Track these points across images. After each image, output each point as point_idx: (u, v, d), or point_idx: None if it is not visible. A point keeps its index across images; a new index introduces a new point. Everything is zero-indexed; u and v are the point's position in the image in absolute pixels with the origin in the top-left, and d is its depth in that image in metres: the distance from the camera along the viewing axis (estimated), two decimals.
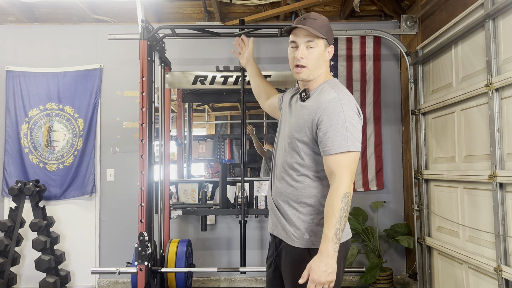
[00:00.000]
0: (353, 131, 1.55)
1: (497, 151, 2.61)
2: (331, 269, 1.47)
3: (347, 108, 1.58)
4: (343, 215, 1.49)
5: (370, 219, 4.23)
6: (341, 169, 1.53)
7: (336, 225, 1.47)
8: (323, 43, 1.71)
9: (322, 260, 1.47)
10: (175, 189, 4.21)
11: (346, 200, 1.49)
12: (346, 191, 1.50)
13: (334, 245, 1.47)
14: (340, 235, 1.49)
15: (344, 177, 1.51)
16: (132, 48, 4.25)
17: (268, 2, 4.16)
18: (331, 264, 1.47)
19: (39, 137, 4.26)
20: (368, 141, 4.28)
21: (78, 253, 4.22)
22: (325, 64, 1.74)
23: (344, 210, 1.49)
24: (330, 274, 1.47)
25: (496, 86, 2.60)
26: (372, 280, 3.80)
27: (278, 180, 1.75)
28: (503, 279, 2.53)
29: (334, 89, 1.65)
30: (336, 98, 1.60)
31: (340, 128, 1.54)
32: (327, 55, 1.73)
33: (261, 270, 3.36)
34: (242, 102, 3.71)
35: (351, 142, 1.54)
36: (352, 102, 1.62)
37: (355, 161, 1.56)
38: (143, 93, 3.09)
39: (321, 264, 1.46)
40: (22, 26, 4.35)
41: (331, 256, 1.47)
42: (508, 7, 2.52)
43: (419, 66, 3.83)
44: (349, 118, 1.56)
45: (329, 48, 1.73)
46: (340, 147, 1.53)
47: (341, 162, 1.53)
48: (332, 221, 1.48)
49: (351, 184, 1.52)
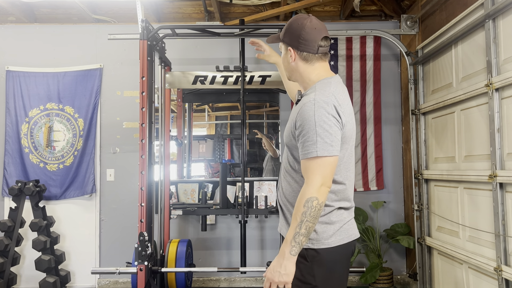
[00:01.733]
0: (324, 135, 1.51)
1: (497, 151, 2.61)
2: (285, 271, 1.49)
3: (319, 112, 1.53)
4: (305, 219, 1.47)
5: (370, 219, 4.23)
6: (309, 174, 1.52)
7: (296, 229, 1.48)
8: (283, 47, 1.73)
9: (279, 261, 1.51)
10: (175, 189, 4.21)
11: (310, 205, 1.47)
12: (311, 195, 1.48)
13: (291, 248, 1.48)
14: (301, 239, 1.48)
15: (311, 182, 1.50)
16: (132, 48, 4.25)
17: (268, 2, 4.16)
18: (286, 266, 1.48)
19: (39, 137, 4.26)
20: (368, 141, 4.28)
21: (78, 253, 4.22)
22: (300, 67, 1.69)
23: (306, 215, 1.47)
24: (283, 275, 1.49)
25: (496, 86, 2.60)
26: (372, 280, 3.80)
27: (282, 181, 1.77)
28: (503, 279, 2.53)
29: (316, 91, 1.60)
30: (311, 101, 1.56)
31: (311, 133, 1.52)
32: (289, 58, 1.70)
33: (261, 270, 3.36)
34: (242, 102, 3.71)
35: (321, 146, 1.50)
36: (328, 104, 1.55)
37: (327, 165, 1.52)
38: (143, 93, 3.10)
39: (277, 265, 1.50)
40: (22, 26, 4.35)
41: (287, 258, 1.49)
42: (508, 7, 2.52)
43: (419, 66, 3.83)
44: (319, 122, 1.52)
45: (289, 50, 1.69)
46: (309, 153, 1.52)
47: (309, 167, 1.52)
48: (293, 224, 1.50)
49: (320, 189, 1.49)
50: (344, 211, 1.66)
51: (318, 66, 1.69)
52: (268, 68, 4.25)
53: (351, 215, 1.70)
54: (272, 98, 4.44)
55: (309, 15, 1.69)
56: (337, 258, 1.63)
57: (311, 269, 1.57)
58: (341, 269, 1.64)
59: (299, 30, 1.65)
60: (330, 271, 1.59)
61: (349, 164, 1.68)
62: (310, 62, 1.68)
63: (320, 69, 1.70)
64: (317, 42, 1.65)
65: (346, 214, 1.67)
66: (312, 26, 1.65)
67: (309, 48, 1.66)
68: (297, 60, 1.69)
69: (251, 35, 3.67)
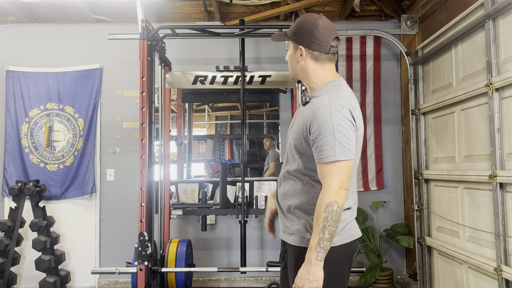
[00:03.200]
0: (342, 139, 1.52)
1: (497, 151, 2.61)
2: (314, 277, 1.50)
3: (336, 116, 1.54)
4: (327, 224, 1.49)
5: (370, 219, 4.23)
6: (327, 179, 1.53)
7: (319, 235, 1.50)
8: (292, 45, 1.70)
9: (306, 268, 1.51)
10: (175, 189, 4.21)
11: (331, 209, 1.49)
12: (331, 200, 1.50)
13: (317, 254, 1.50)
14: (325, 244, 1.50)
15: (330, 187, 1.52)
16: (132, 48, 4.25)
17: (268, 2, 4.16)
18: (315, 272, 1.50)
19: (39, 137, 4.26)
20: (368, 141, 4.28)
21: (78, 253, 4.22)
22: (310, 67, 1.67)
23: (328, 220, 1.49)
24: (313, 281, 1.50)
25: (496, 86, 2.60)
26: (372, 280, 3.80)
27: (282, 183, 1.78)
28: (503, 279, 2.53)
29: (329, 94, 1.61)
30: (327, 105, 1.56)
31: (328, 137, 1.53)
32: (299, 57, 1.67)
33: (261, 270, 3.36)
34: (242, 102, 3.71)
35: (339, 151, 1.52)
36: (344, 107, 1.57)
37: (345, 169, 1.54)
38: (143, 93, 3.10)
39: (305, 272, 1.51)
40: (22, 26, 4.35)
41: (314, 264, 1.50)
42: (508, 7, 2.52)
43: (419, 66, 3.83)
44: (337, 126, 1.53)
45: (300, 49, 1.66)
46: (327, 157, 1.53)
47: (327, 171, 1.54)
48: (316, 230, 1.51)
49: (339, 193, 1.51)
50: (348, 211, 1.67)
51: (327, 67, 1.68)
52: (268, 68, 4.25)
53: (353, 215, 1.71)
54: (272, 98, 4.44)
55: (320, 15, 1.67)
56: (341, 257, 1.65)
57: None
58: (344, 267, 1.66)
59: (312, 29, 1.63)
60: (333, 269, 1.61)
61: (356, 166, 1.69)
62: (320, 62, 1.67)
63: (329, 70, 1.69)
64: (329, 42, 1.63)
65: (349, 213, 1.67)
66: (325, 26, 1.63)
67: (321, 48, 1.64)
68: (308, 59, 1.67)
69: (251, 35, 3.67)
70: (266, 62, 4.32)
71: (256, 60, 4.31)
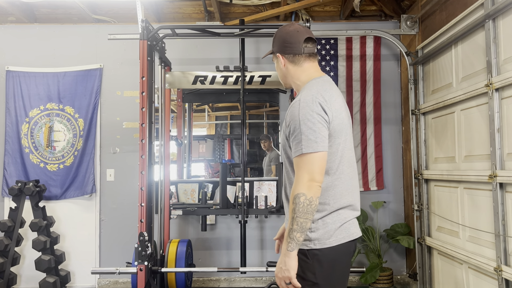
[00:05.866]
0: (308, 133, 1.56)
1: (497, 151, 2.61)
2: (285, 266, 1.55)
3: (303, 111, 1.59)
4: (295, 216, 1.53)
5: (370, 219, 4.23)
6: (297, 172, 1.58)
7: (289, 225, 1.55)
8: (274, 56, 1.81)
9: (280, 257, 1.58)
10: (175, 189, 4.21)
11: (297, 201, 1.52)
12: (299, 192, 1.53)
13: (287, 244, 1.54)
14: (295, 235, 1.53)
15: (298, 179, 1.56)
16: (132, 48, 4.25)
17: (268, 2, 4.17)
18: (286, 262, 1.55)
19: (39, 137, 4.26)
20: (368, 141, 4.28)
21: (78, 253, 4.22)
22: (291, 70, 1.76)
23: (295, 211, 1.52)
24: (285, 271, 1.55)
25: (496, 86, 2.60)
26: (372, 280, 3.80)
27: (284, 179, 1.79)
28: (503, 279, 2.53)
29: (302, 92, 1.68)
30: (296, 102, 1.63)
31: (296, 131, 1.59)
32: (281, 65, 1.78)
33: (261, 270, 3.36)
34: (242, 102, 3.71)
35: (305, 144, 1.56)
36: (314, 102, 1.60)
37: (312, 161, 1.56)
38: (143, 93, 3.10)
39: (279, 261, 1.58)
40: (22, 26, 4.35)
41: (285, 254, 1.55)
42: (508, 7, 2.52)
43: (419, 66, 3.83)
44: (303, 120, 1.58)
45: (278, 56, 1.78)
46: (296, 151, 1.58)
47: (297, 165, 1.59)
48: (288, 221, 1.57)
49: (307, 184, 1.53)
50: (344, 209, 1.65)
51: (307, 67, 1.76)
52: (268, 68, 4.25)
53: (353, 214, 1.68)
54: (272, 98, 4.44)
55: (292, 22, 1.80)
56: (338, 257, 1.64)
57: (312, 267, 1.60)
58: (342, 267, 1.66)
59: (284, 35, 1.75)
60: (331, 269, 1.61)
61: (344, 158, 1.67)
62: (298, 64, 1.75)
63: (310, 69, 1.76)
64: (300, 42, 1.72)
65: (347, 212, 1.66)
66: (295, 30, 1.75)
67: (294, 50, 1.73)
68: (287, 64, 1.77)
69: (251, 35, 3.67)
70: (266, 62, 4.32)
71: (256, 60, 4.31)
